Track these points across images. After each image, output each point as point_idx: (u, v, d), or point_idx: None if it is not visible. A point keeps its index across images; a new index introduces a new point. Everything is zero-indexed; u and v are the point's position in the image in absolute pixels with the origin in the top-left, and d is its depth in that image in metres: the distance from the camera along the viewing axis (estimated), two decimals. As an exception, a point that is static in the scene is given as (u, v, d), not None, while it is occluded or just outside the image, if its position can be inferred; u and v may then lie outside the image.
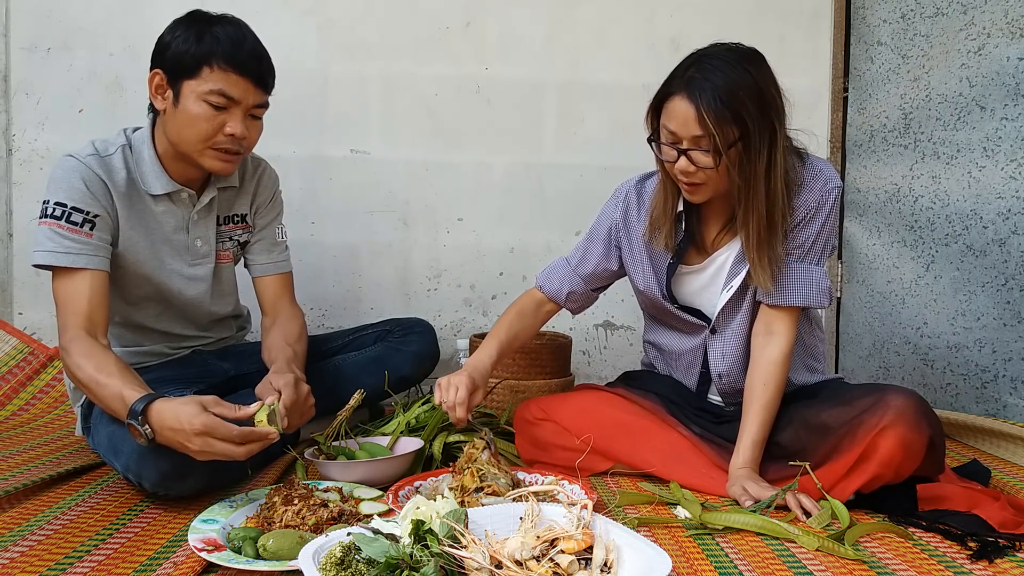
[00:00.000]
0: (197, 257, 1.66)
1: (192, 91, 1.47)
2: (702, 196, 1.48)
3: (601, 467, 1.61)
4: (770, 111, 1.40)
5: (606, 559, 1.03)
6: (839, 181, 1.51)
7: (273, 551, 1.10)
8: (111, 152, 1.53)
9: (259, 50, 1.52)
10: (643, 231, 1.62)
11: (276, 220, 1.80)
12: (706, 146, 1.39)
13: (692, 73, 1.39)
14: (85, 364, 1.37)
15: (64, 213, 1.45)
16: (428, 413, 1.75)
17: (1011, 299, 1.98)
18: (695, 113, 1.37)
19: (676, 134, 1.41)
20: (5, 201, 2.32)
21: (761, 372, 1.52)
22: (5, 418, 2.00)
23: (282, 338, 1.68)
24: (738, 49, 1.42)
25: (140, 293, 1.62)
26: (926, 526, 1.31)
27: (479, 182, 2.47)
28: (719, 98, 1.35)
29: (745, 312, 1.58)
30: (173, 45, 1.48)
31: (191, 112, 1.47)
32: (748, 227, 1.46)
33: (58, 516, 1.30)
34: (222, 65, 1.45)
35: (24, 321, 2.32)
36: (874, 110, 2.36)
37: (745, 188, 1.43)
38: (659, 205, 1.57)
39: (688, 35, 2.45)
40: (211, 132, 1.48)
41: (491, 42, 2.44)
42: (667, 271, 1.61)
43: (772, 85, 1.41)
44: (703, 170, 1.41)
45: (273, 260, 1.79)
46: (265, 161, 1.79)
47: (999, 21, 2.00)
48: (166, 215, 1.60)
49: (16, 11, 2.28)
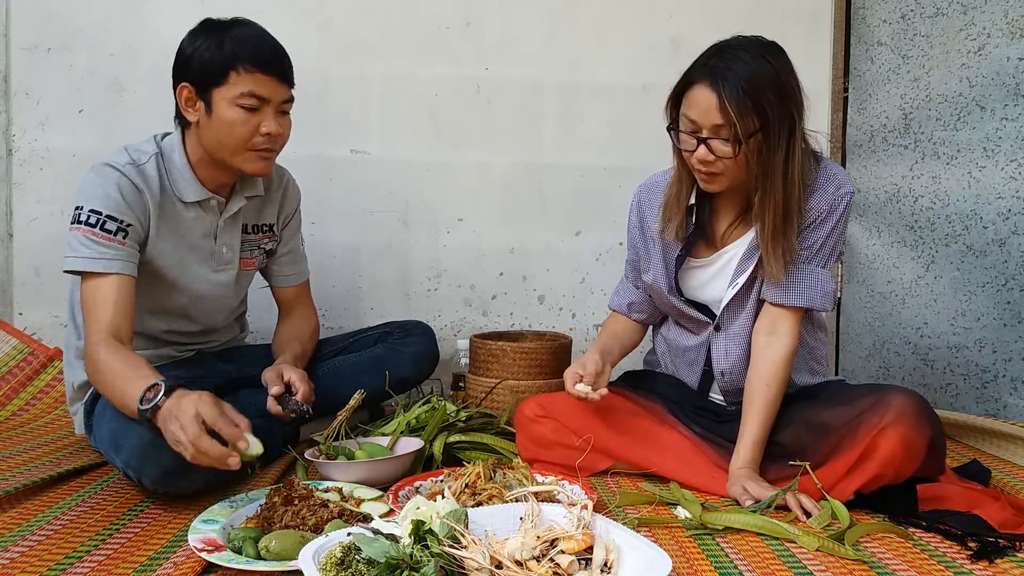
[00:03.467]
0: (222, 263, 1.68)
1: (223, 98, 1.49)
2: (718, 186, 1.49)
3: (601, 466, 1.61)
4: (790, 102, 1.41)
5: (606, 559, 1.03)
6: (851, 187, 1.52)
7: (276, 552, 1.10)
8: (145, 161, 1.55)
9: (278, 46, 1.56)
10: (656, 222, 1.64)
11: (299, 231, 1.87)
12: (726, 135, 1.40)
13: (715, 62, 1.40)
14: (112, 360, 1.38)
15: (99, 221, 1.47)
16: (428, 413, 1.76)
17: (1011, 299, 1.98)
18: (717, 101, 1.37)
19: (696, 122, 1.42)
20: (5, 201, 2.32)
21: (763, 371, 1.51)
22: (5, 418, 2.00)
23: (296, 334, 1.76)
24: (760, 41, 1.44)
25: (164, 297, 1.63)
26: (926, 526, 1.31)
27: (479, 182, 2.47)
28: (741, 87, 1.36)
29: (750, 310, 1.58)
30: (196, 56, 1.50)
31: (226, 119, 1.50)
32: (764, 216, 1.47)
33: (58, 516, 1.30)
34: (248, 67, 1.48)
35: (24, 321, 2.32)
36: (874, 110, 2.36)
37: (763, 178, 1.44)
38: (672, 195, 1.58)
39: (688, 35, 2.45)
40: (248, 135, 1.51)
41: (491, 42, 2.44)
42: (675, 262, 1.62)
43: (792, 77, 1.43)
44: (721, 159, 1.42)
45: (297, 271, 1.88)
46: (287, 171, 1.82)
47: (999, 21, 2.00)
48: (196, 221, 1.62)
49: (16, 11, 2.28)
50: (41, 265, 2.30)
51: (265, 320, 2.17)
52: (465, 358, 2.25)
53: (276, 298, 1.89)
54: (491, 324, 2.50)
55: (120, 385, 1.36)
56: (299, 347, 1.71)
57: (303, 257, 1.90)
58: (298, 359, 1.68)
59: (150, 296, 1.62)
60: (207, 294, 1.67)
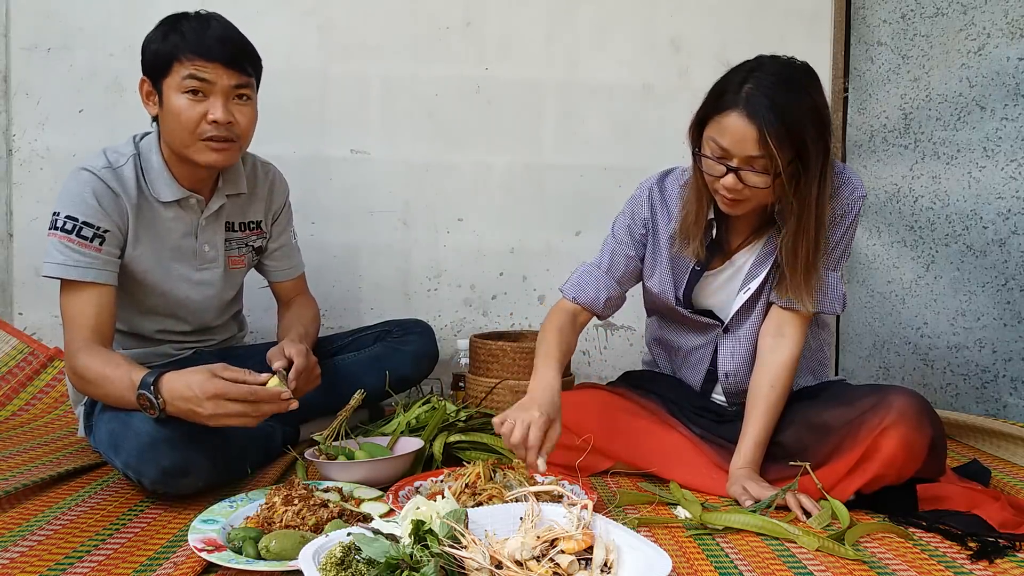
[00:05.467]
0: (205, 262, 1.67)
1: (170, 88, 1.49)
2: (741, 210, 1.44)
3: (601, 467, 1.61)
4: (827, 133, 1.36)
5: (606, 559, 1.03)
6: (864, 191, 1.50)
7: (276, 552, 1.10)
8: (122, 163, 1.55)
9: (227, 35, 1.52)
10: (669, 234, 1.59)
11: (289, 225, 1.86)
12: (760, 167, 1.34)
13: (751, 90, 1.32)
14: (93, 362, 1.40)
15: (75, 227, 1.46)
16: (428, 413, 1.75)
17: (1011, 299, 1.98)
18: (756, 133, 1.31)
19: (728, 151, 1.35)
20: (5, 201, 2.32)
21: (769, 374, 1.51)
22: (5, 418, 2.00)
23: (296, 318, 1.77)
24: (793, 64, 1.37)
25: (147, 299, 1.63)
26: (926, 526, 1.31)
27: (479, 182, 2.47)
28: (782, 119, 1.29)
29: (758, 313, 1.57)
30: (148, 49, 1.52)
31: (174, 107, 1.49)
32: (797, 252, 1.42)
33: (58, 516, 1.30)
34: (189, 56, 1.47)
35: (24, 321, 2.32)
36: (874, 110, 2.36)
37: (798, 211, 1.39)
38: (691, 214, 1.52)
39: (688, 35, 2.45)
40: (195, 121, 1.49)
41: (491, 42, 2.44)
42: (690, 277, 1.59)
43: (825, 104, 1.37)
44: (751, 188, 1.37)
45: (291, 265, 1.87)
46: (274, 166, 1.81)
47: (999, 21, 2.00)
48: (175, 221, 1.61)
49: (16, 11, 2.28)
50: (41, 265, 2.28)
51: (265, 320, 2.18)
52: (465, 358, 2.24)
53: (275, 293, 1.89)
54: (491, 324, 2.50)
55: (104, 385, 1.38)
56: (301, 328, 1.71)
57: (296, 251, 1.88)
58: (302, 339, 1.67)
59: (136, 297, 1.62)
60: (192, 293, 1.66)
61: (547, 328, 1.59)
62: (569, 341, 1.59)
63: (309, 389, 1.53)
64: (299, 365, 1.48)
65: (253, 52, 1.56)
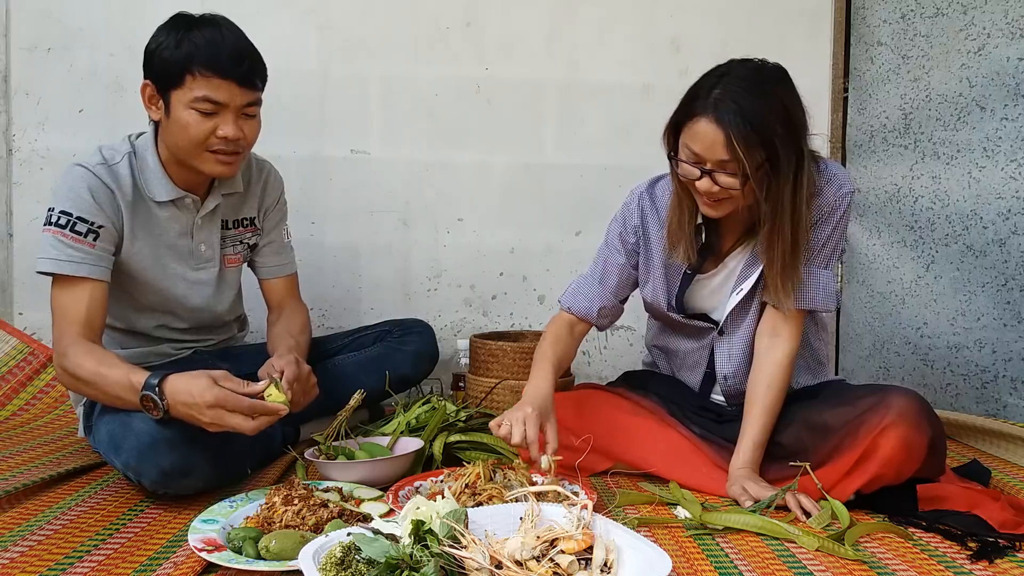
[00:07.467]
0: (201, 261, 1.67)
1: (179, 101, 1.47)
2: (722, 212, 1.45)
3: (601, 467, 1.61)
4: (798, 133, 1.37)
5: (606, 559, 1.03)
6: (852, 186, 1.50)
7: (276, 552, 1.10)
8: (118, 160, 1.54)
9: (241, 49, 1.49)
10: (660, 241, 1.59)
11: (282, 222, 1.84)
12: (732, 170, 1.35)
13: (718, 95, 1.34)
14: (86, 361, 1.39)
15: (69, 223, 1.46)
16: (428, 413, 1.76)
17: (1011, 299, 1.98)
18: (724, 138, 1.32)
19: (700, 156, 1.37)
20: (5, 201, 2.32)
21: (765, 374, 1.51)
22: (5, 418, 2.00)
23: (286, 330, 1.72)
24: (763, 67, 1.38)
25: (144, 298, 1.63)
26: (926, 526, 1.31)
27: (479, 182, 2.47)
28: (749, 123, 1.31)
29: (753, 314, 1.57)
30: (157, 55, 1.48)
31: (182, 121, 1.47)
32: (773, 252, 1.44)
33: (58, 516, 1.30)
34: (203, 71, 1.44)
35: (24, 321, 2.32)
36: (874, 110, 2.36)
37: (771, 212, 1.40)
38: (674, 219, 1.53)
39: (688, 35, 2.45)
40: (204, 136, 1.48)
41: (491, 42, 2.44)
42: (682, 282, 1.59)
43: (798, 105, 1.38)
44: (726, 190, 1.38)
45: (281, 263, 1.83)
46: (269, 163, 1.80)
47: (999, 21, 2.00)
48: (170, 220, 1.60)
49: (16, 11, 2.28)
50: (41, 265, 2.30)
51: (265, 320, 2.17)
52: (465, 358, 2.25)
53: (264, 295, 1.84)
54: (491, 324, 2.50)
55: (99, 384, 1.37)
56: (291, 340, 1.67)
57: (288, 249, 1.85)
58: (290, 351, 1.64)
59: (134, 295, 1.61)
60: (189, 293, 1.66)
61: (544, 338, 1.64)
62: (565, 350, 1.64)
63: (308, 400, 1.51)
64: (290, 375, 1.44)
65: (262, 65, 1.54)
